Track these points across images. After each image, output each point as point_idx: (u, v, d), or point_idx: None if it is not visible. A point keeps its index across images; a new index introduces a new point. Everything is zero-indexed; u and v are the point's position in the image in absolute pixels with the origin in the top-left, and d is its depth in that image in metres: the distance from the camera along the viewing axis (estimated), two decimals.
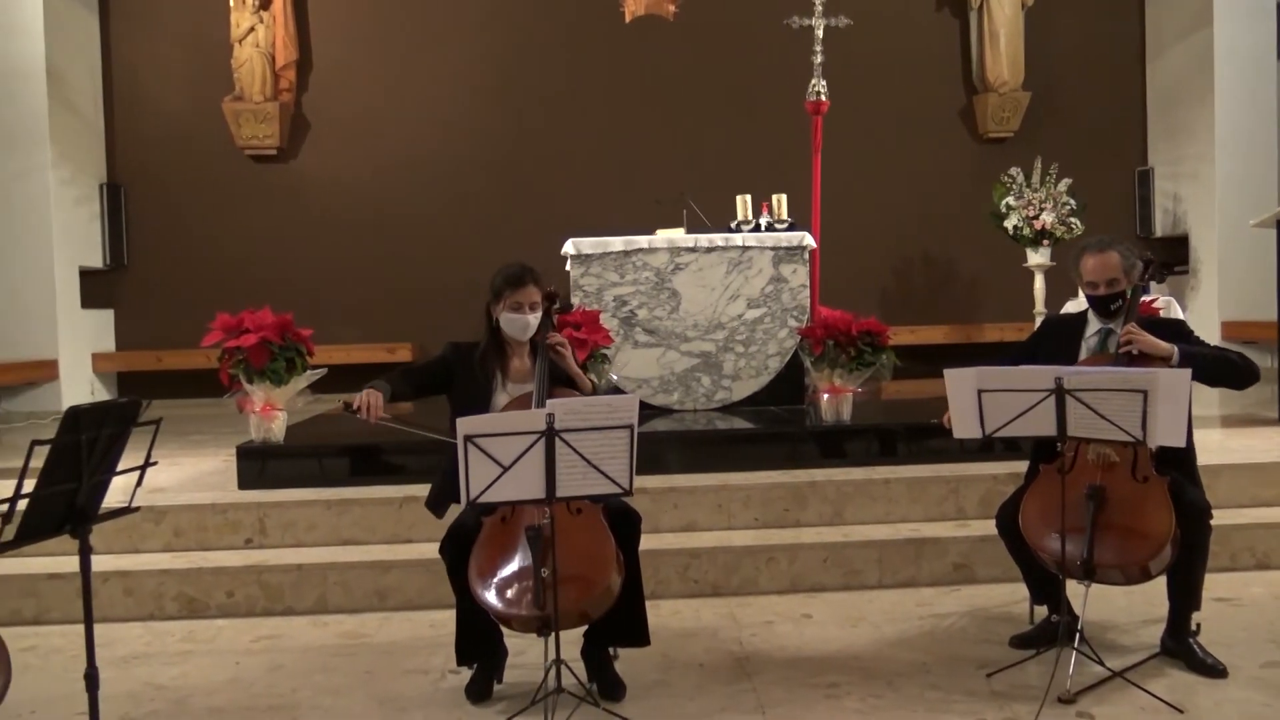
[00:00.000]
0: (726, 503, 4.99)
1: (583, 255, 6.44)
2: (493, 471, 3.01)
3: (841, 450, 5.47)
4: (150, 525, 4.81)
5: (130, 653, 4.08)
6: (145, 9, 9.34)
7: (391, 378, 3.60)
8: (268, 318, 5.16)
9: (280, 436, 5.33)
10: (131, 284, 9.40)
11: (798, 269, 6.51)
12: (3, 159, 8.54)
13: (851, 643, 3.97)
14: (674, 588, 4.58)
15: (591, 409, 3.09)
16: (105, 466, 2.53)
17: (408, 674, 3.77)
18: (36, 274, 8.59)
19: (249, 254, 9.23)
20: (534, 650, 3.66)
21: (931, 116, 9.60)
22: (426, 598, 4.45)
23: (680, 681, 3.61)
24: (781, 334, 6.47)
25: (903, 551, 4.69)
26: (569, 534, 3.21)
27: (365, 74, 9.38)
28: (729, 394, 6.47)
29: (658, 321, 6.45)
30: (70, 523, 2.49)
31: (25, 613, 4.45)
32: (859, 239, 9.12)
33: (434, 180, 9.34)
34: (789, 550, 4.67)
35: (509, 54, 9.39)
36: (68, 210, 8.82)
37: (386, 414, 3.42)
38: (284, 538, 4.87)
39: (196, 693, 3.65)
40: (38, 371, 8.59)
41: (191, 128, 9.29)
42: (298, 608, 4.53)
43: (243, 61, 9.08)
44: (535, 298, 3.58)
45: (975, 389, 3.39)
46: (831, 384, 5.58)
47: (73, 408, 2.40)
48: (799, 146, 7.81)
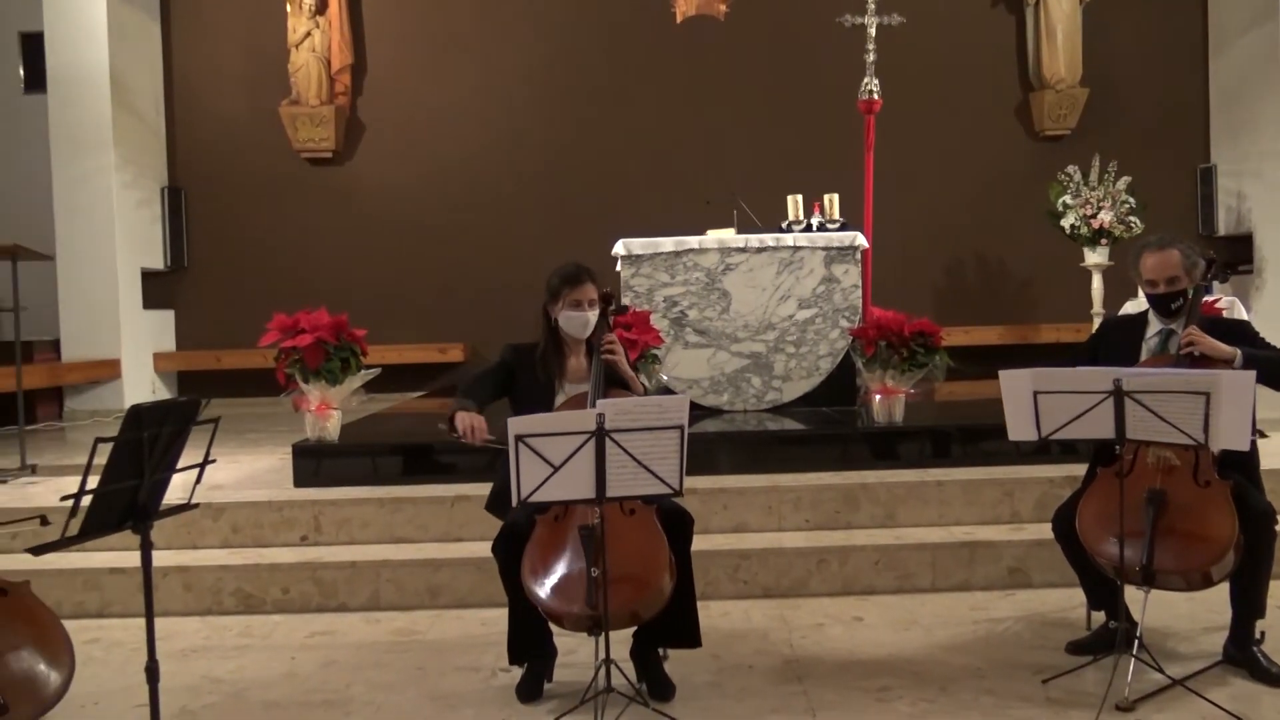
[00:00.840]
0: (777, 504, 4.96)
1: (633, 256, 6.44)
2: (543, 471, 3.02)
3: (894, 452, 5.42)
4: (209, 522, 4.91)
5: (189, 646, 4.16)
6: (205, 16, 9.52)
7: (468, 391, 3.55)
8: (323, 318, 5.23)
9: (335, 435, 5.40)
10: (191, 285, 9.58)
11: (849, 269, 6.46)
12: (68, 163, 8.75)
13: (903, 646, 3.92)
14: (724, 589, 4.57)
15: (642, 409, 3.09)
16: (166, 464, 2.58)
17: (459, 671, 3.80)
18: (101, 275, 8.79)
19: (305, 255, 9.36)
20: (584, 650, 3.67)
21: (986, 114, 9.47)
22: (477, 596, 4.49)
23: (730, 683, 3.59)
24: (833, 334, 6.42)
25: (956, 555, 4.63)
26: (623, 534, 3.22)
27: (418, 77, 9.48)
28: (779, 395, 6.44)
29: (708, 322, 6.43)
30: (132, 518, 2.54)
31: (89, 606, 4.55)
32: (912, 238, 9.04)
33: (486, 181, 9.40)
34: (840, 552, 4.63)
35: (561, 56, 9.43)
36: (130, 213, 9.02)
37: (490, 435, 3.39)
38: (338, 535, 4.93)
39: (253, 686, 3.71)
40: (101, 370, 8.79)
41: (249, 131, 9.46)
42: (351, 604, 4.59)
43: (299, 66, 9.22)
44: (593, 295, 3.59)
45: (1031, 391, 3.34)
46: (884, 385, 5.53)
47: (135, 406, 2.45)
48: (851, 146, 7.75)
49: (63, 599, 4.42)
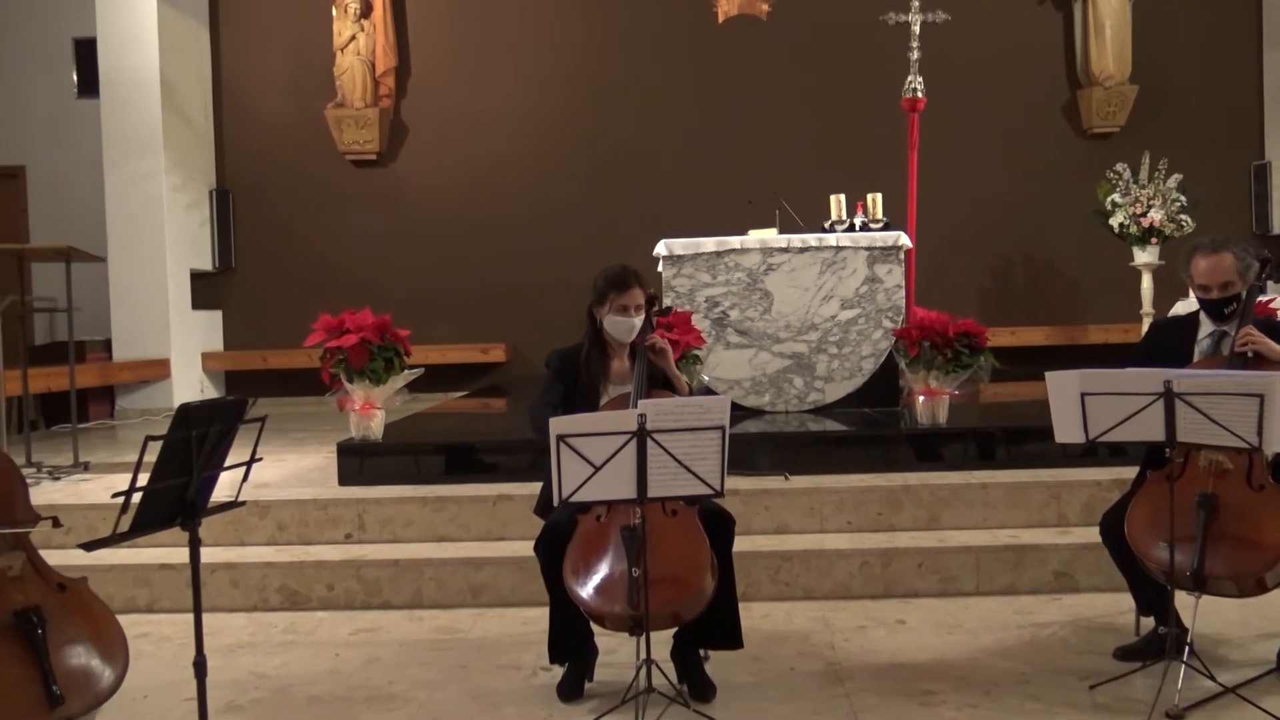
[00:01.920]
0: (819, 506, 4.93)
1: (675, 256, 6.43)
2: (585, 471, 3.03)
3: (937, 454, 5.37)
4: (255, 519, 4.97)
5: (236, 642, 4.22)
6: (253, 21, 9.66)
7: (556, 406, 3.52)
8: (367, 318, 5.28)
9: (379, 434, 5.45)
10: (238, 286, 9.72)
11: (893, 269, 6.40)
12: (120, 166, 8.92)
13: (947, 650, 3.88)
14: (765, 590, 4.55)
15: (683, 410, 3.09)
16: (214, 462, 2.62)
17: (500, 670, 3.82)
18: (151, 276, 8.95)
19: (350, 256, 9.46)
20: (625, 650, 3.67)
21: (1033, 112, 9.35)
22: (519, 595, 4.51)
23: (771, 685, 3.58)
24: (876, 335, 6.37)
25: (1001, 558, 4.58)
26: (665, 535, 3.22)
27: (461, 79, 9.54)
28: (821, 396, 6.40)
29: (750, 322, 6.41)
30: (181, 515, 2.58)
31: (139, 601, 4.64)
32: (956, 238, 8.95)
33: (528, 182, 9.45)
34: (883, 555, 4.60)
35: (602, 57, 9.45)
36: (179, 215, 9.17)
37: None
38: (382, 533, 4.98)
39: (298, 682, 3.76)
40: (151, 370, 8.95)
41: (296, 134, 9.58)
42: (394, 602, 4.63)
43: (344, 69, 9.32)
44: (639, 299, 3.58)
45: (1078, 392, 3.29)
46: (927, 386, 5.48)
47: (184, 405, 2.48)
48: (894, 145, 7.68)
49: (114, 594, 4.49)
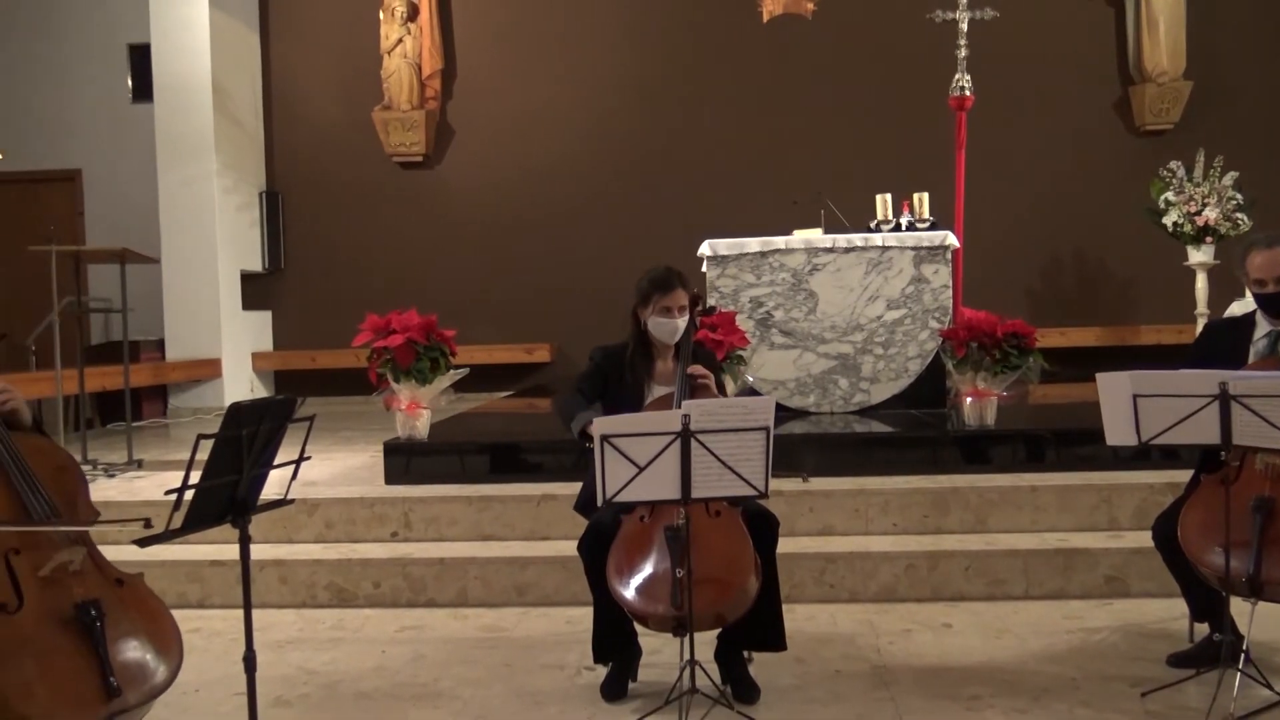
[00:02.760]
0: (864, 507, 4.90)
1: (719, 256, 6.42)
2: (629, 471, 3.03)
3: (985, 456, 5.31)
4: (304, 517, 5.04)
5: (285, 638, 4.28)
6: (302, 25, 9.79)
7: (584, 403, 3.54)
8: (414, 319, 5.33)
9: (425, 434, 5.50)
10: (288, 286, 9.86)
11: (940, 269, 6.34)
12: (173, 169, 9.09)
13: (995, 654, 3.84)
14: (809, 592, 4.53)
15: (727, 411, 3.08)
16: (264, 460, 2.65)
17: (545, 669, 3.83)
18: (202, 278, 9.10)
19: (396, 257, 9.55)
20: (669, 650, 3.67)
21: (1084, 109, 9.20)
22: (563, 594, 4.52)
23: (816, 688, 3.56)
24: (922, 335, 6.31)
25: (1050, 562, 4.51)
26: (708, 536, 3.21)
27: (506, 81, 9.60)
28: (867, 397, 6.35)
29: (794, 323, 6.38)
30: (231, 513, 2.61)
31: (190, 597, 4.72)
32: (1005, 237, 8.84)
33: (572, 183, 9.48)
34: (929, 557, 4.56)
35: (646, 57, 9.46)
36: (230, 217, 9.31)
37: None
38: (427, 532, 5.02)
39: (345, 678, 3.80)
40: (203, 370, 9.11)
41: (344, 137, 9.69)
42: (440, 600, 4.66)
43: (391, 72, 9.42)
44: (683, 301, 3.58)
45: (1130, 394, 3.24)
46: (975, 387, 5.42)
47: (234, 404, 2.52)
48: (941, 144, 7.62)
49: (166, 589, 4.57)
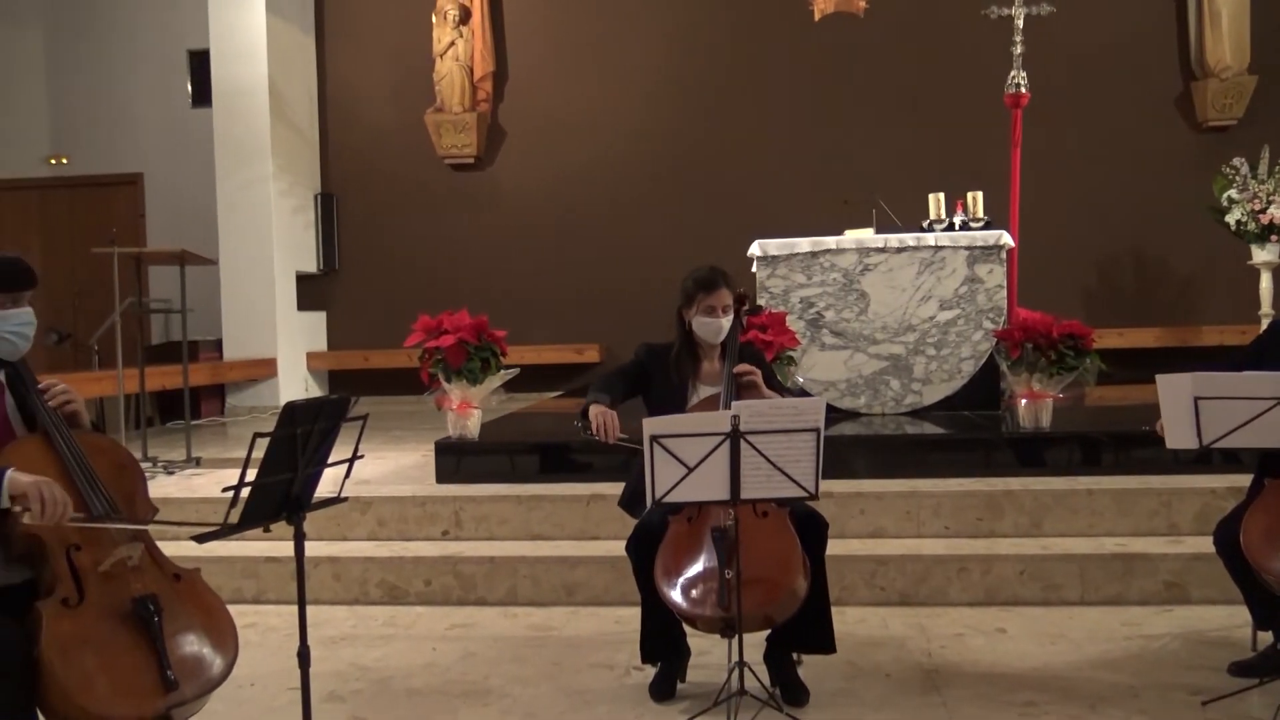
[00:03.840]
0: (916, 510, 4.85)
1: (769, 257, 6.39)
2: (678, 472, 3.03)
3: (1040, 458, 5.22)
4: (357, 515, 5.10)
5: (338, 634, 4.34)
6: (357, 30, 9.92)
7: (604, 387, 3.56)
8: (465, 319, 5.37)
9: (475, 433, 5.54)
10: (341, 287, 9.98)
11: (994, 269, 6.25)
12: (231, 172, 9.25)
13: (1050, 660, 3.77)
14: (860, 595, 4.49)
15: (777, 411, 3.06)
16: (318, 458, 2.69)
17: (593, 668, 3.84)
18: (259, 279, 9.25)
19: (448, 258, 9.63)
20: (717, 651, 3.66)
21: (1143, 105, 9.02)
22: (612, 594, 4.53)
23: (866, 691, 3.53)
24: (976, 336, 6.23)
25: (1108, 567, 4.43)
26: (755, 536, 3.20)
27: (556, 82, 9.64)
28: (919, 398, 6.28)
29: (845, 323, 6.33)
30: (286, 510, 2.65)
31: (246, 592, 4.80)
32: (1061, 237, 8.69)
33: (622, 183, 9.49)
34: (982, 561, 4.49)
35: (697, 57, 9.44)
36: (286, 219, 9.46)
37: (624, 434, 3.40)
38: (478, 530, 5.05)
39: (397, 674, 3.84)
40: (259, 369, 9.26)
41: (396, 139, 9.79)
42: (489, 598, 4.70)
43: (443, 75, 9.50)
44: (727, 300, 3.57)
45: (1191, 396, 3.16)
46: (1030, 389, 5.34)
47: (290, 403, 2.56)
48: (996, 142, 7.51)
49: (223, 585, 4.66)
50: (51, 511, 2.28)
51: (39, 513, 2.26)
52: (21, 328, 2.58)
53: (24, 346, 2.60)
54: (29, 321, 2.60)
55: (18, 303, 2.59)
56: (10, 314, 2.57)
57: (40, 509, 2.26)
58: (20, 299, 2.60)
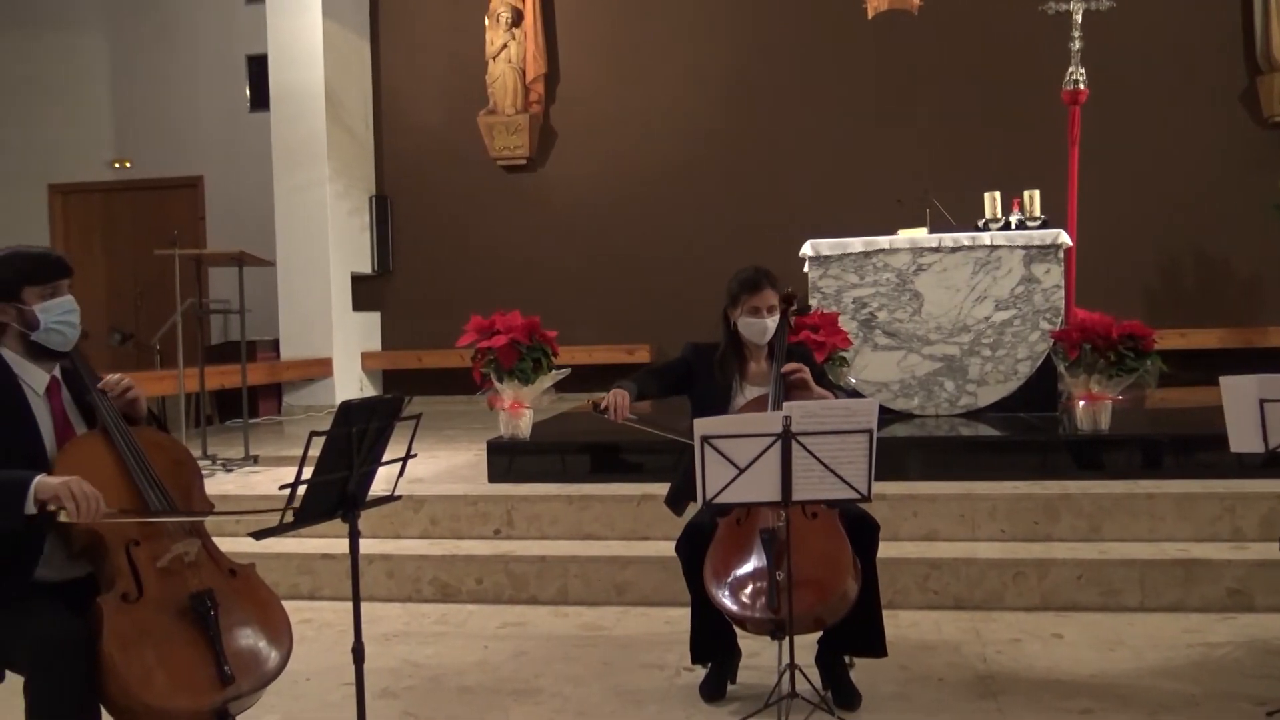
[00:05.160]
0: (970, 513, 4.78)
1: (821, 257, 6.35)
2: (729, 473, 3.02)
3: (1099, 461, 5.13)
4: (410, 513, 5.15)
5: (391, 631, 4.38)
6: (411, 33, 10.02)
7: (636, 378, 3.64)
8: (517, 320, 5.40)
9: (527, 433, 5.57)
10: (396, 288, 10.09)
11: (1051, 268, 6.15)
12: (288, 175, 9.40)
13: (1108, 668, 3.70)
14: (913, 598, 4.44)
15: (829, 412, 3.04)
16: (372, 457, 2.71)
17: (644, 668, 3.84)
18: (315, 280, 9.39)
19: (500, 259, 9.70)
20: (768, 653, 3.64)
21: (1206, 101, 8.81)
22: (662, 594, 4.52)
23: (919, 696, 3.49)
24: (1033, 337, 6.13)
25: (1169, 573, 4.34)
26: (804, 538, 3.17)
27: (608, 84, 9.66)
28: (974, 399, 6.20)
29: (898, 324, 6.27)
30: (341, 508, 2.68)
31: (302, 588, 4.87)
32: (1121, 235, 8.52)
33: (674, 184, 9.48)
34: (1039, 565, 4.42)
35: (748, 55, 9.40)
36: (342, 221, 9.59)
37: (632, 415, 3.46)
38: (529, 530, 5.08)
39: (449, 672, 3.88)
40: (315, 369, 9.40)
41: (450, 141, 9.88)
42: (541, 597, 4.72)
43: (496, 77, 9.57)
44: (772, 301, 3.56)
45: (1257, 398, 3.09)
46: (1088, 391, 5.24)
47: (345, 402, 2.58)
48: (1053, 139, 7.39)
49: (280, 581, 4.73)
50: (86, 507, 2.31)
51: (74, 510, 2.28)
52: (66, 315, 2.60)
53: (73, 336, 2.62)
54: (72, 309, 2.62)
55: (58, 292, 2.61)
56: (52, 304, 2.59)
57: (75, 506, 2.29)
58: (59, 288, 2.61)
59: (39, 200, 10.72)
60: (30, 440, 2.54)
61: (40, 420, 2.59)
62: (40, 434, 2.57)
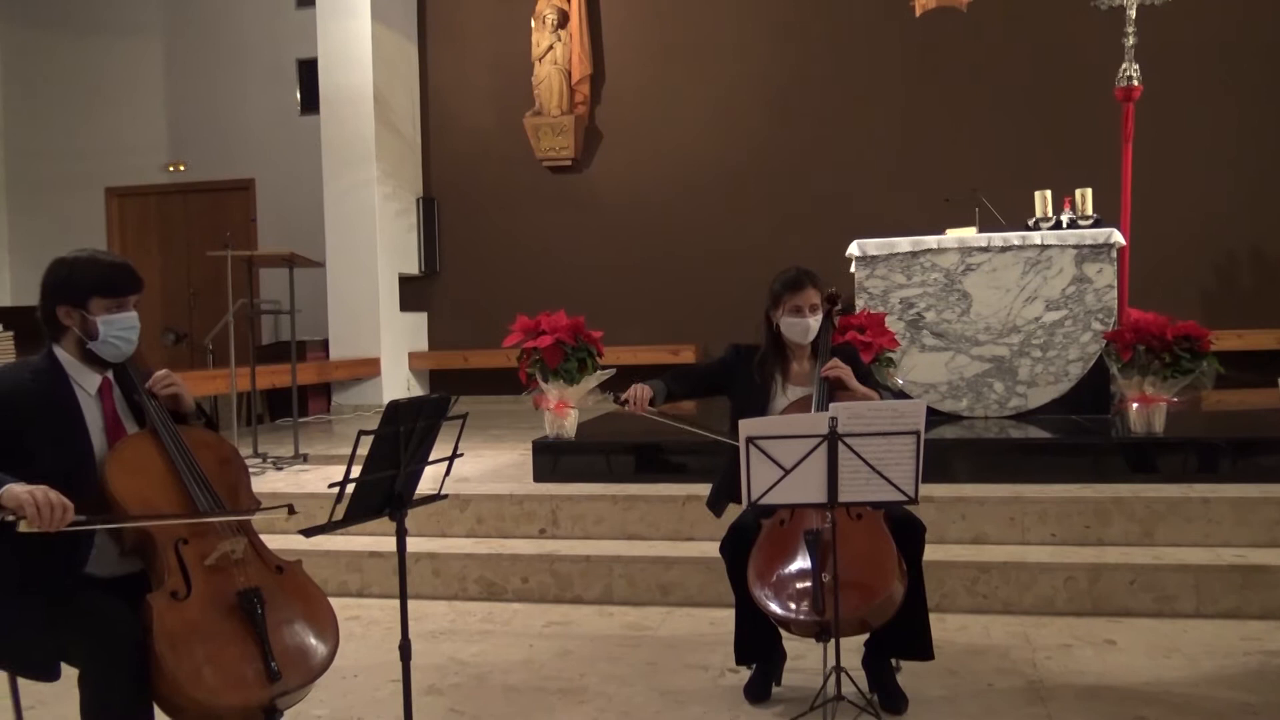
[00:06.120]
0: (1020, 516, 4.71)
1: (868, 257, 6.30)
2: (774, 474, 3.00)
3: (1152, 464, 5.03)
4: (456, 512, 5.19)
5: (437, 628, 4.42)
6: (458, 36, 10.10)
7: (670, 377, 3.69)
8: (562, 320, 5.42)
9: (572, 433, 5.58)
10: (442, 289, 10.18)
11: (1104, 268, 6.05)
12: (337, 177, 9.52)
13: (1162, 675, 3.63)
14: (961, 602, 4.39)
15: (876, 414, 3.01)
16: (419, 456, 2.73)
17: (688, 669, 3.84)
18: (364, 280, 9.50)
19: (546, 259, 9.74)
20: (813, 655, 3.62)
21: (1263, 96, 8.60)
22: (707, 595, 4.52)
23: (967, 701, 3.44)
24: (1084, 338, 6.03)
25: (1226, 579, 4.24)
26: (849, 539, 3.15)
27: (653, 85, 9.65)
28: (1024, 401, 6.11)
29: (947, 324, 6.20)
30: (389, 506, 2.71)
31: (350, 586, 4.93)
32: (1176, 234, 8.36)
33: (718, 184, 9.46)
34: (1090, 570, 4.35)
35: (794, 54, 9.35)
36: (389, 222, 9.68)
37: (652, 408, 3.53)
38: (574, 529, 5.09)
39: (494, 670, 3.90)
40: (363, 369, 9.50)
41: (496, 143, 9.94)
42: (585, 597, 4.73)
43: (542, 78, 9.61)
44: (814, 300, 3.53)
45: None
46: (1142, 392, 5.14)
47: (393, 402, 2.60)
48: (1106, 137, 7.27)
49: (328, 578, 4.80)
50: (48, 515, 2.28)
51: (35, 518, 2.26)
52: (126, 331, 2.65)
53: (128, 350, 2.68)
54: (133, 326, 2.67)
55: (123, 307, 2.66)
56: (116, 318, 2.64)
57: (36, 513, 2.26)
58: (125, 304, 2.66)
59: (97, 203, 10.96)
60: (79, 440, 2.59)
61: (90, 420, 2.64)
62: (89, 434, 2.62)
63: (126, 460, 2.58)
